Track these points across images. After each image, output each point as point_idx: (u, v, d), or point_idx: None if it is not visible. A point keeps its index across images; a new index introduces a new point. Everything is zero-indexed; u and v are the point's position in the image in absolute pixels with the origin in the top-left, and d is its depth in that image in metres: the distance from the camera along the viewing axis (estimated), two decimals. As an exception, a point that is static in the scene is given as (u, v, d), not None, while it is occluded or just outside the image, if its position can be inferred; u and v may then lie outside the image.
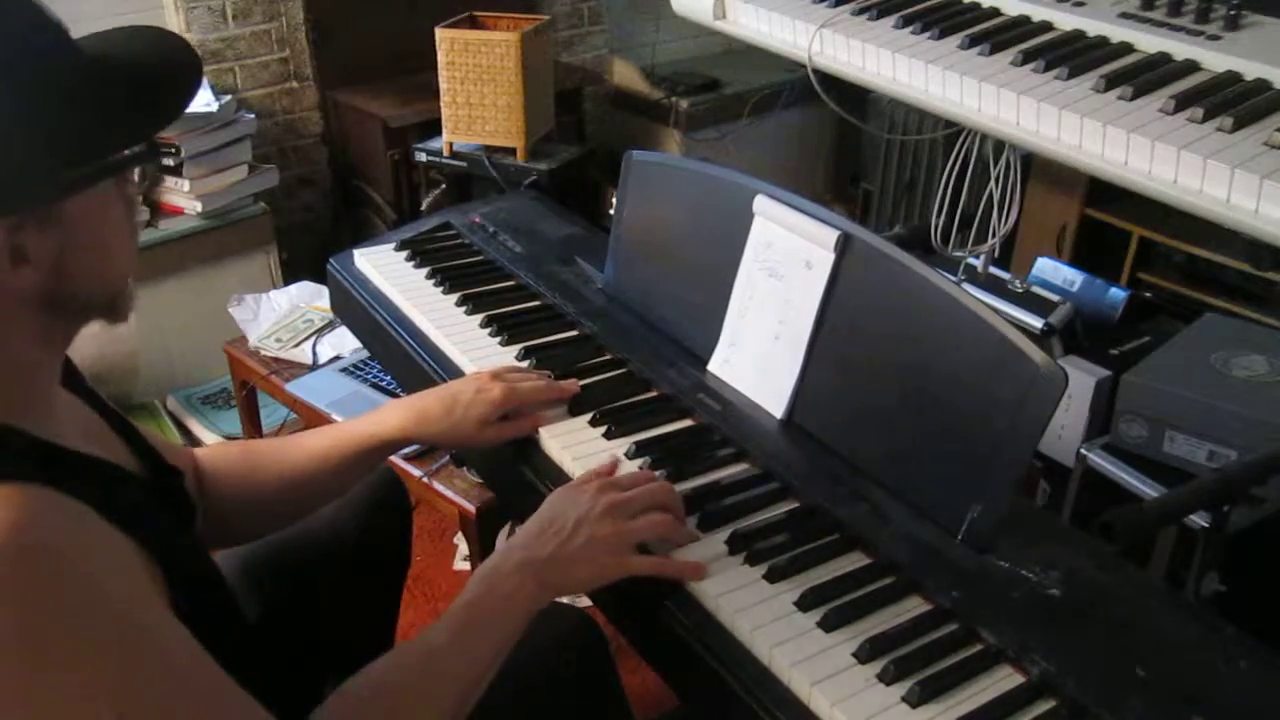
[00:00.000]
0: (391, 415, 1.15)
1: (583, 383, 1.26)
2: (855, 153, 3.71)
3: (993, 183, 1.90)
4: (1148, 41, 1.50)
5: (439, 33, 2.62)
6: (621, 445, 1.16)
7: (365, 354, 2.09)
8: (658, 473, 1.10)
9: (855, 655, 0.88)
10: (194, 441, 2.48)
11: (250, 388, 2.26)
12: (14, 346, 0.77)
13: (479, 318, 1.41)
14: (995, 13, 1.67)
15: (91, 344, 2.35)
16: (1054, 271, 2.06)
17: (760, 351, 1.22)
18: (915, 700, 0.84)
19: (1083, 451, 1.67)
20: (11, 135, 0.70)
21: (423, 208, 2.88)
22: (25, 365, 0.78)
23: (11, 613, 0.65)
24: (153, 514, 0.82)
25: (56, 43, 0.75)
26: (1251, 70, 1.39)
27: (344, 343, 2.14)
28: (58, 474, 0.72)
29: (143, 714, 0.69)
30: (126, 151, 0.78)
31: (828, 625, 0.91)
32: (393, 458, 1.78)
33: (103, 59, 0.78)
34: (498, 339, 1.37)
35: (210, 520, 1.09)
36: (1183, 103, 1.32)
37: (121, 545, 0.74)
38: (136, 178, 0.84)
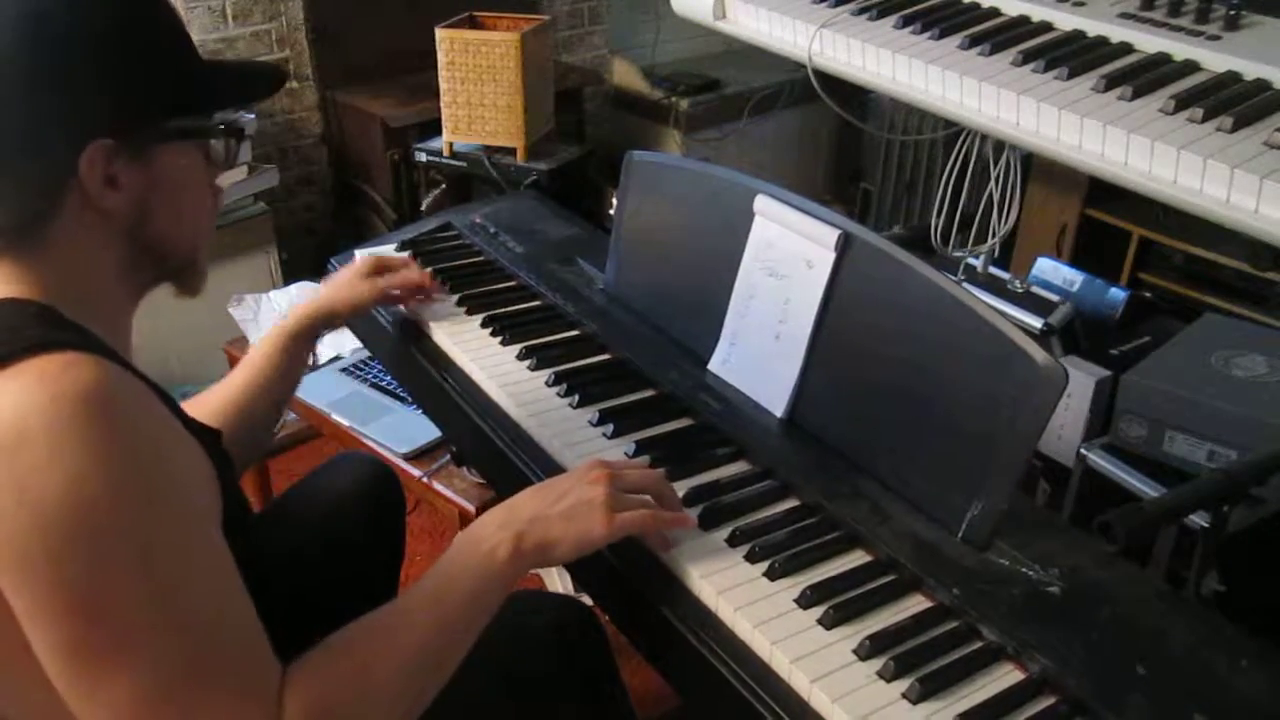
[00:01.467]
0: (296, 310, 1.33)
1: (583, 383, 1.26)
2: (855, 153, 3.72)
3: (993, 183, 1.90)
4: (1148, 41, 1.50)
5: (439, 33, 2.62)
6: (623, 444, 1.16)
7: (365, 354, 2.09)
8: (657, 471, 1.11)
9: (856, 652, 0.88)
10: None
11: (250, 387, 2.25)
12: (103, 273, 0.86)
13: (479, 317, 1.41)
14: (995, 13, 1.67)
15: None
16: (1054, 271, 2.06)
17: (761, 351, 1.22)
18: (915, 697, 0.84)
19: (1083, 451, 1.68)
20: (123, 75, 0.83)
21: (423, 208, 2.88)
22: (101, 295, 0.87)
23: (88, 445, 0.71)
24: (211, 440, 0.89)
25: (166, 13, 0.89)
26: (1251, 70, 1.39)
27: (344, 342, 2.14)
28: (140, 376, 0.80)
29: (164, 568, 0.74)
30: (217, 121, 0.90)
31: (828, 622, 0.91)
32: (391, 457, 1.78)
33: (206, 55, 0.93)
34: (498, 339, 1.37)
35: None
36: (1183, 103, 1.32)
37: (189, 440, 0.83)
38: (222, 155, 0.93)
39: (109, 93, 0.82)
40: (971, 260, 1.99)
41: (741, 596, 0.94)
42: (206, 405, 1.21)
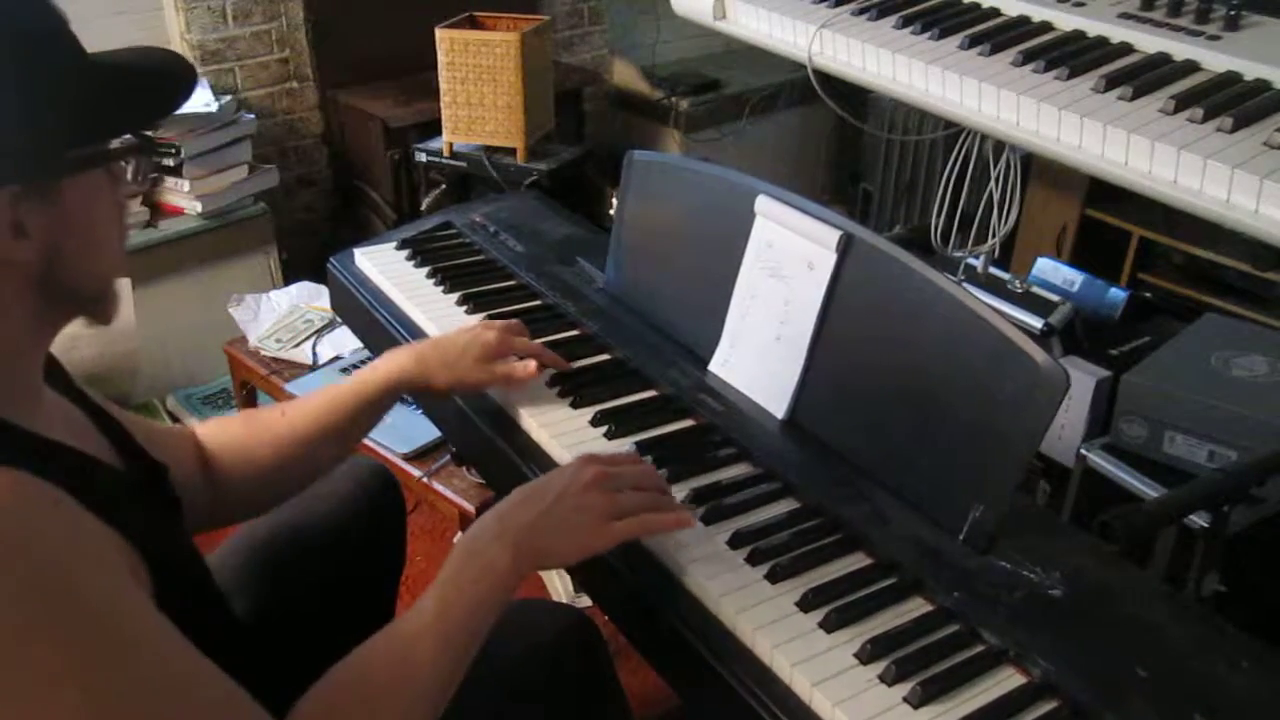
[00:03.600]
0: (391, 359, 1.19)
1: (583, 382, 1.26)
2: (855, 153, 3.71)
3: (993, 183, 1.90)
4: (1148, 41, 1.50)
5: (439, 33, 2.62)
6: (623, 445, 1.16)
7: (366, 354, 2.09)
8: (658, 472, 1.11)
9: (857, 656, 0.88)
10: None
11: (250, 388, 2.26)
12: (7, 331, 0.78)
13: (480, 317, 1.41)
14: (995, 13, 1.67)
15: (91, 344, 2.35)
16: (1054, 271, 2.06)
17: (761, 351, 1.22)
18: (917, 701, 0.84)
19: (1083, 451, 1.68)
20: (19, 110, 0.73)
21: (423, 208, 2.88)
22: (11, 352, 0.79)
23: None
24: (134, 506, 0.82)
25: (61, 32, 0.78)
26: (1251, 70, 1.39)
27: (344, 342, 2.14)
28: (35, 460, 0.72)
29: (113, 698, 0.69)
30: (121, 142, 0.82)
31: (829, 625, 0.91)
32: (391, 457, 1.78)
33: (104, 58, 0.82)
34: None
35: (219, 495, 1.10)
36: (1183, 103, 1.32)
37: (99, 532, 0.74)
38: (130, 175, 0.85)
39: (10, 133, 0.73)
40: (971, 260, 1.99)
41: (743, 599, 0.94)
42: (263, 426, 1.15)
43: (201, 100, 2.56)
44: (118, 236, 0.85)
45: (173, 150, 2.47)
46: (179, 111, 0.90)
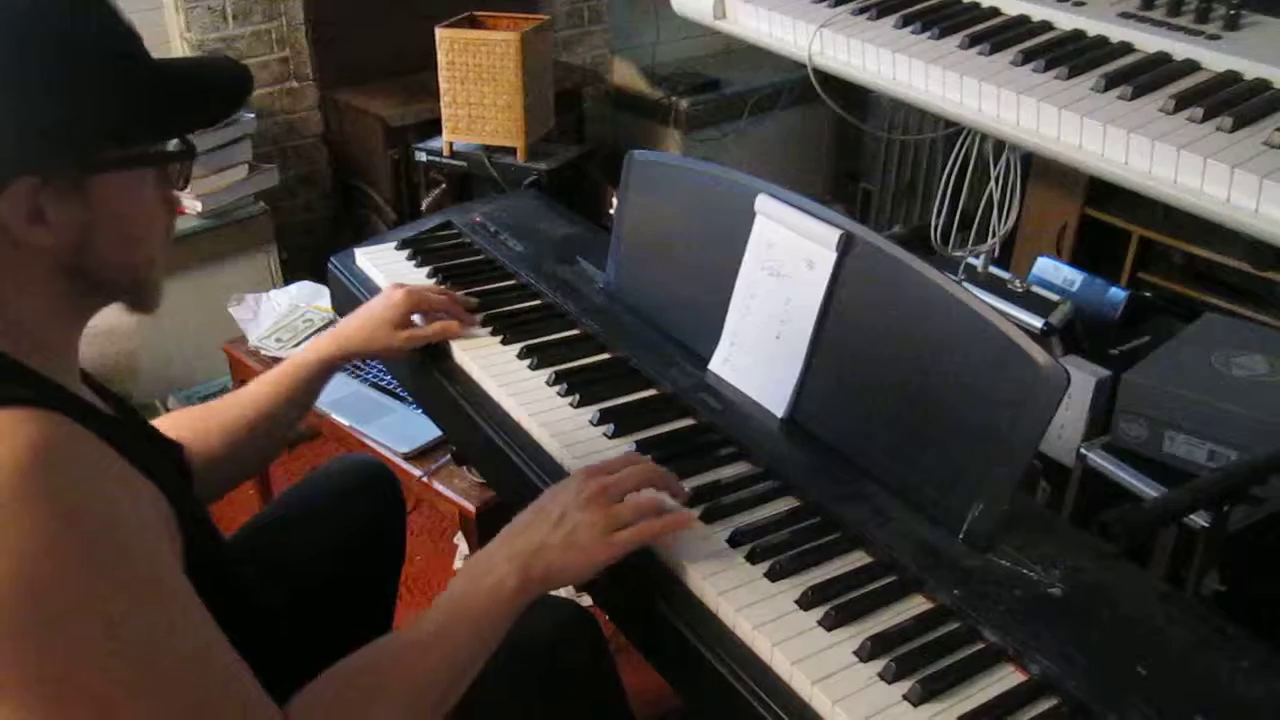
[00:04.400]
0: (319, 340, 1.29)
1: (583, 381, 1.26)
2: (855, 153, 3.72)
3: (993, 183, 1.90)
4: (1147, 41, 1.50)
5: (439, 33, 2.62)
6: (623, 444, 1.16)
7: (365, 353, 2.09)
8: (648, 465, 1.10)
9: (856, 654, 0.88)
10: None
11: (250, 387, 2.26)
12: (43, 306, 0.81)
13: (480, 316, 1.41)
14: (995, 12, 1.67)
15: (91, 344, 2.34)
16: (1054, 271, 2.06)
17: (762, 351, 1.22)
18: (916, 699, 0.84)
19: (1083, 451, 1.68)
20: (48, 105, 0.75)
21: (423, 208, 2.88)
22: (44, 324, 0.82)
23: (34, 532, 0.68)
24: (167, 467, 0.87)
25: (109, 33, 0.80)
26: (1251, 70, 1.39)
27: (344, 342, 2.14)
28: (79, 414, 0.75)
29: (130, 638, 0.71)
30: (164, 147, 0.84)
31: (829, 623, 0.91)
32: (391, 457, 1.78)
33: (160, 62, 0.84)
34: (499, 338, 1.37)
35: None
36: (1183, 103, 1.33)
37: (139, 481, 0.78)
38: (172, 176, 0.86)
39: (35, 127, 0.75)
40: (972, 260, 1.99)
41: (742, 597, 0.94)
42: (208, 421, 1.19)
43: (201, 100, 2.56)
44: (159, 232, 0.87)
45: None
46: None
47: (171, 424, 1.17)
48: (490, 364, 1.31)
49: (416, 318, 1.34)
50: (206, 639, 0.76)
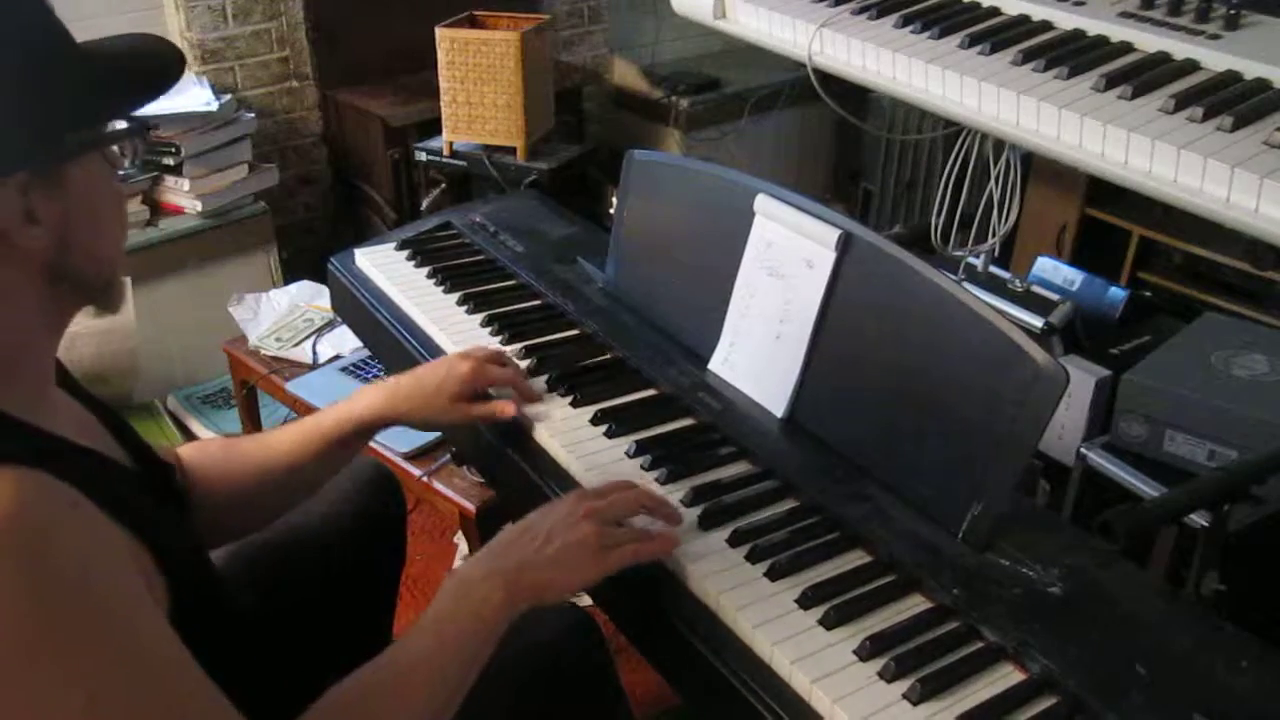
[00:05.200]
0: (365, 397, 1.18)
1: (584, 381, 1.26)
2: (855, 152, 3.71)
3: (993, 182, 1.90)
4: (1147, 41, 1.50)
5: (439, 32, 2.62)
6: (622, 444, 1.16)
7: (366, 353, 2.09)
8: (657, 471, 1.11)
9: (856, 653, 0.88)
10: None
11: (250, 387, 2.26)
12: (19, 326, 0.79)
13: (480, 317, 1.41)
14: (995, 12, 1.67)
15: (91, 344, 2.35)
16: (1054, 271, 2.06)
17: (761, 350, 1.22)
18: (916, 698, 0.84)
19: (1083, 451, 1.68)
20: (18, 98, 0.75)
21: (423, 207, 2.88)
22: (23, 344, 0.80)
23: (8, 593, 0.66)
24: (146, 505, 0.83)
25: (51, 21, 0.80)
26: (1251, 70, 1.39)
27: (344, 342, 2.14)
28: (50, 460, 0.72)
29: (114, 707, 0.69)
30: (117, 126, 0.84)
31: (828, 623, 0.91)
32: (391, 457, 1.78)
33: (93, 45, 0.83)
34: (499, 338, 1.37)
35: (200, 517, 1.09)
36: (1183, 102, 1.32)
37: (112, 533, 0.75)
38: (127, 157, 0.86)
39: (16, 120, 0.74)
40: (972, 260, 1.99)
41: (742, 597, 0.94)
42: (240, 456, 1.15)
43: (201, 99, 2.56)
44: (120, 224, 0.87)
45: (173, 149, 2.47)
46: (179, 110, 0.91)
47: (198, 453, 1.14)
48: (490, 364, 1.31)
49: None
50: (190, 693, 0.74)
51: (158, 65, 0.88)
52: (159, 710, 0.72)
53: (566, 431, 1.19)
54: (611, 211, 1.47)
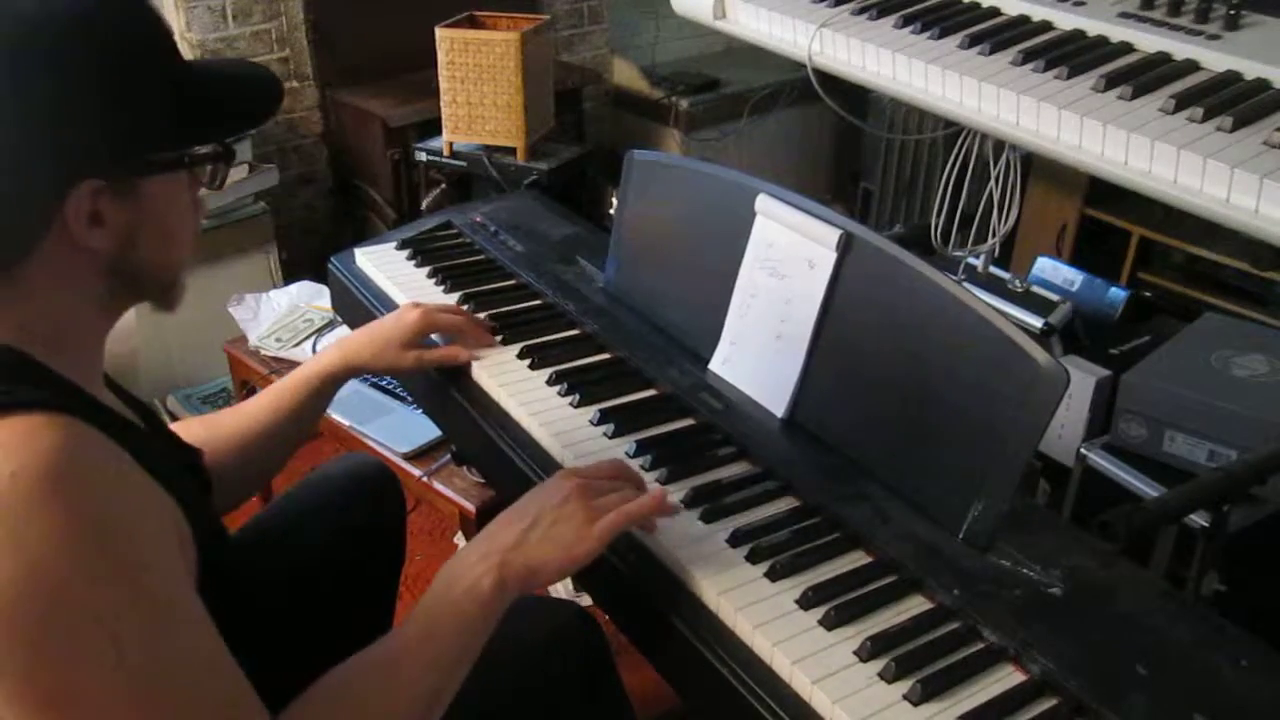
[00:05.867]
0: (326, 354, 1.28)
1: (584, 381, 1.26)
2: (855, 152, 3.71)
3: (993, 183, 1.90)
4: (1148, 41, 1.50)
5: (439, 32, 2.62)
6: (623, 444, 1.16)
7: (365, 353, 2.08)
8: (658, 471, 1.11)
9: (856, 653, 0.88)
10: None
11: (250, 388, 2.26)
12: (77, 306, 0.82)
13: (499, 337, 1.41)
14: (995, 12, 1.67)
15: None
16: (1054, 271, 2.06)
17: (762, 350, 1.22)
18: (916, 698, 0.84)
19: (1083, 451, 1.68)
20: (110, 109, 0.78)
21: (423, 207, 2.88)
22: (81, 330, 0.84)
23: (54, 536, 0.68)
24: (183, 478, 0.87)
25: (160, 37, 0.83)
26: (1251, 70, 1.39)
27: (344, 342, 2.14)
28: (102, 421, 0.76)
29: (137, 655, 0.71)
30: (205, 149, 0.87)
31: (829, 623, 0.91)
32: (391, 457, 1.78)
33: (199, 66, 0.88)
34: (499, 338, 1.37)
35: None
36: (1183, 102, 1.33)
37: (156, 492, 0.78)
38: (210, 178, 0.90)
39: (101, 130, 0.78)
40: (972, 260, 2.00)
41: (742, 597, 0.94)
42: (214, 432, 1.18)
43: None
44: (191, 232, 0.90)
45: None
46: None
47: (183, 430, 1.16)
48: (490, 364, 1.31)
49: (434, 337, 1.32)
50: (213, 662, 0.76)
51: (256, 95, 0.91)
52: (181, 665, 0.74)
53: (567, 431, 1.19)
54: (611, 211, 1.47)
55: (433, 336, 1.32)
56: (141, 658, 0.71)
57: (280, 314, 2.28)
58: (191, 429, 1.18)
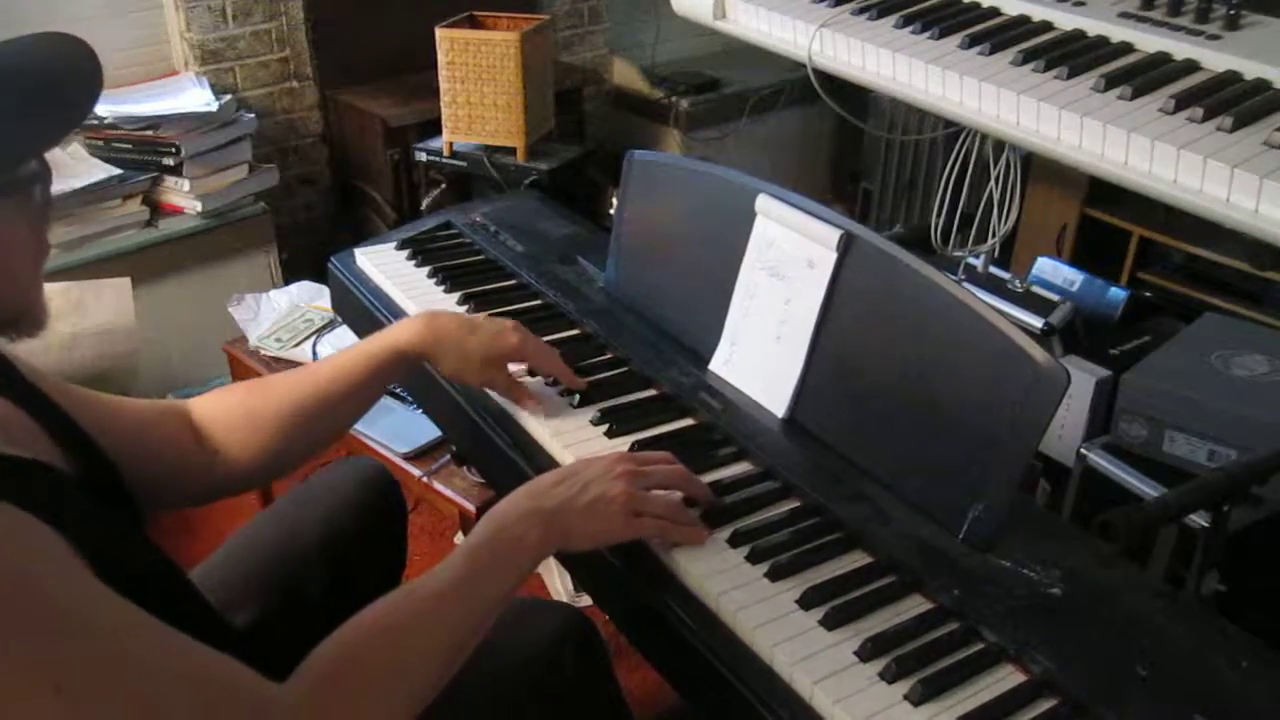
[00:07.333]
0: (410, 325, 1.17)
1: (584, 381, 1.26)
2: (855, 152, 3.71)
3: (993, 183, 1.90)
4: (1148, 41, 1.50)
5: (439, 33, 2.62)
6: (623, 444, 1.16)
7: (365, 353, 2.08)
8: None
9: (857, 654, 0.88)
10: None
11: (250, 387, 2.25)
12: None
13: (482, 317, 1.41)
14: (995, 12, 1.67)
15: (91, 344, 2.35)
16: (1054, 271, 2.06)
17: (762, 351, 1.22)
18: (917, 699, 0.84)
19: (1083, 451, 1.68)
20: None
21: (423, 207, 2.88)
22: None
23: None
24: (79, 508, 0.79)
25: None
26: (1251, 70, 1.39)
27: (344, 342, 2.14)
28: None
29: (85, 688, 0.67)
30: (20, 171, 0.76)
31: (829, 624, 0.91)
32: (391, 457, 1.78)
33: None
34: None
35: (218, 465, 1.10)
36: (1183, 102, 1.33)
37: (43, 532, 0.72)
38: (37, 199, 0.77)
39: None
40: (972, 260, 1.99)
41: (743, 597, 0.94)
42: (265, 399, 1.12)
43: (201, 99, 2.56)
44: (29, 263, 0.81)
45: (173, 150, 2.47)
46: (179, 111, 0.83)
47: (216, 404, 1.13)
48: (490, 364, 1.31)
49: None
50: (172, 650, 0.73)
51: (69, 85, 0.78)
52: (146, 676, 0.70)
53: (567, 431, 1.19)
54: (611, 211, 1.47)
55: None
56: (89, 690, 0.67)
57: (280, 314, 2.28)
58: (228, 397, 1.14)
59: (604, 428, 1.19)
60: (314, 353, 2.14)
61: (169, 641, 0.73)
